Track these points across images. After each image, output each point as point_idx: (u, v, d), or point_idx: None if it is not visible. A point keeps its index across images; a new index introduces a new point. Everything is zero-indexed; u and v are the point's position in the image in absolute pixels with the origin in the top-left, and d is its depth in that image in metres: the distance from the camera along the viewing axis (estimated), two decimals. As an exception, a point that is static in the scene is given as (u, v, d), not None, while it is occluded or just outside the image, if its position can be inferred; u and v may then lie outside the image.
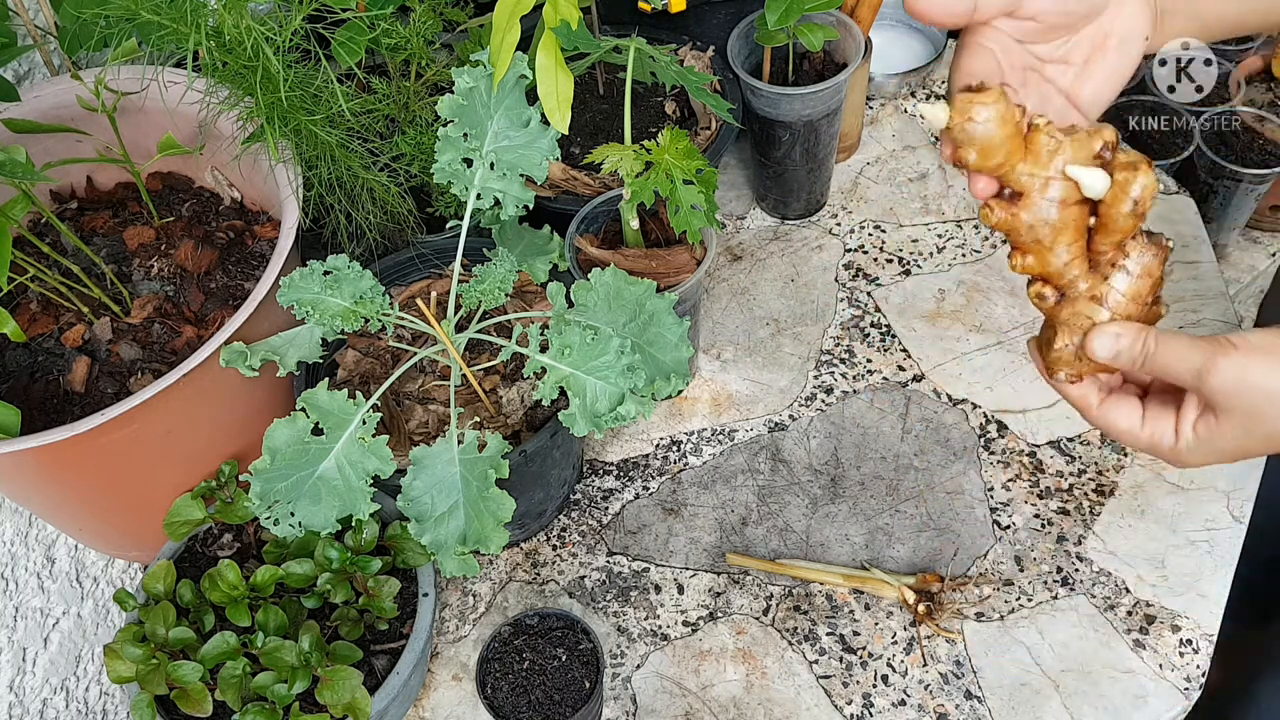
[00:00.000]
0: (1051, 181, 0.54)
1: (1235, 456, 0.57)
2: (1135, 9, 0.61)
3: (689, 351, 0.81)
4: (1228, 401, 0.54)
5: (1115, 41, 0.61)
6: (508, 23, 0.73)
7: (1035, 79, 0.62)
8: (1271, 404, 0.54)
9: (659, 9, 1.10)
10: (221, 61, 0.79)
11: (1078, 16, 0.60)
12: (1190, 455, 0.58)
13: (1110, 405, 0.60)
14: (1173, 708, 0.80)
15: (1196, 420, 0.57)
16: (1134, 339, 0.56)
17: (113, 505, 0.85)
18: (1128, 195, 0.54)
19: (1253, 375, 0.54)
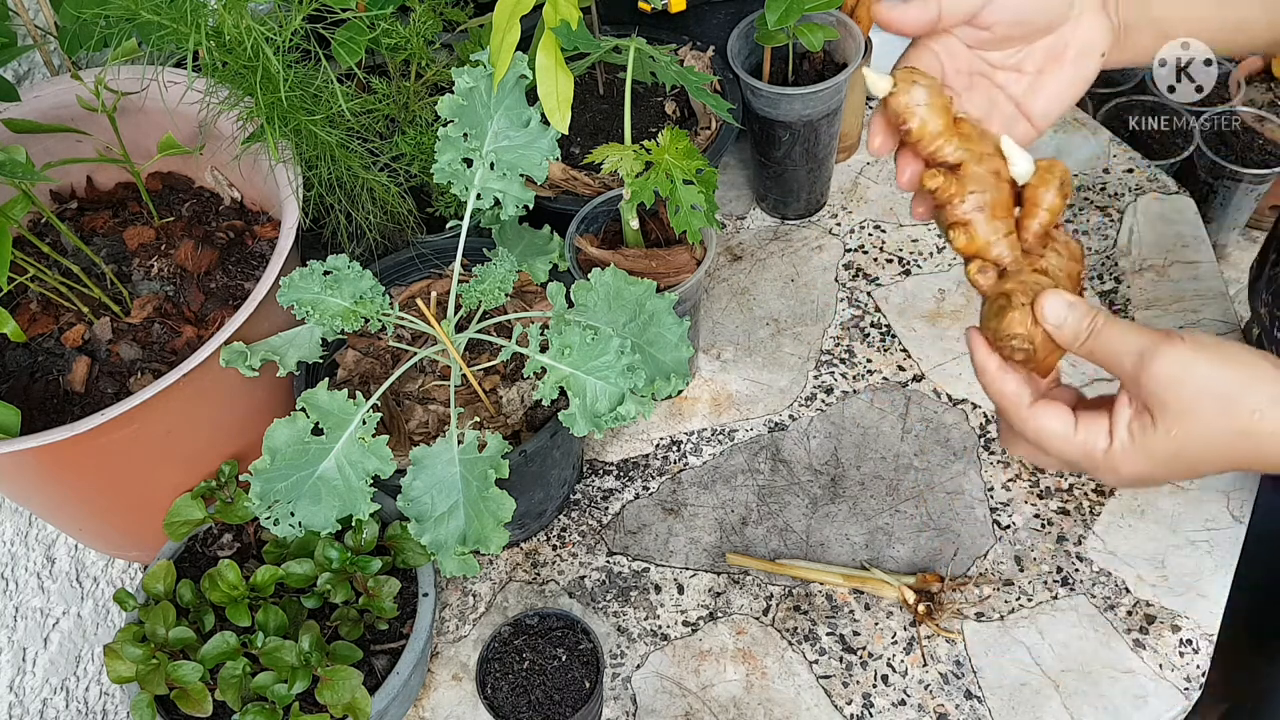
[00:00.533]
0: (985, 156, 0.57)
1: (1172, 467, 0.54)
2: (1094, 24, 0.60)
3: (689, 351, 0.81)
4: (1165, 395, 0.51)
5: (1071, 55, 0.61)
6: (508, 23, 0.73)
7: (983, 84, 0.62)
8: (1209, 404, 0.51)
9: (659, 9, 1.10)
10: (221, 61, 0.79)
11: (1034, 28, 0.60)
12: (1124, 462, 0.54)
13: (1043, 406, 0.56)
14: (1173, 708, 0.80)
15: (1131, 419, 0.53)
16: (1085, 310, 0.54)
17: (113, 505, 0.85)
18: (1054, 175, 0.57)
19: (1196, 371, 0.51)
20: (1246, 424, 0.50)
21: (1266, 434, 0.50)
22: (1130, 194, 1.15)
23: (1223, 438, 0.51)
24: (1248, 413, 0.50)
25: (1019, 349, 0.56)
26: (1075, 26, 0.60)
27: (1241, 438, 0.51)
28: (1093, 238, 1.12)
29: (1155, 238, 1.11)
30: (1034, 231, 0.57)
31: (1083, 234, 1.12)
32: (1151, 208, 1.14)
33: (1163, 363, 0.51)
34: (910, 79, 0.56)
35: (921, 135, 0.56)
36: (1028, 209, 0.57)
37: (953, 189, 0.56)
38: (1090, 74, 0.61)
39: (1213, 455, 0.52)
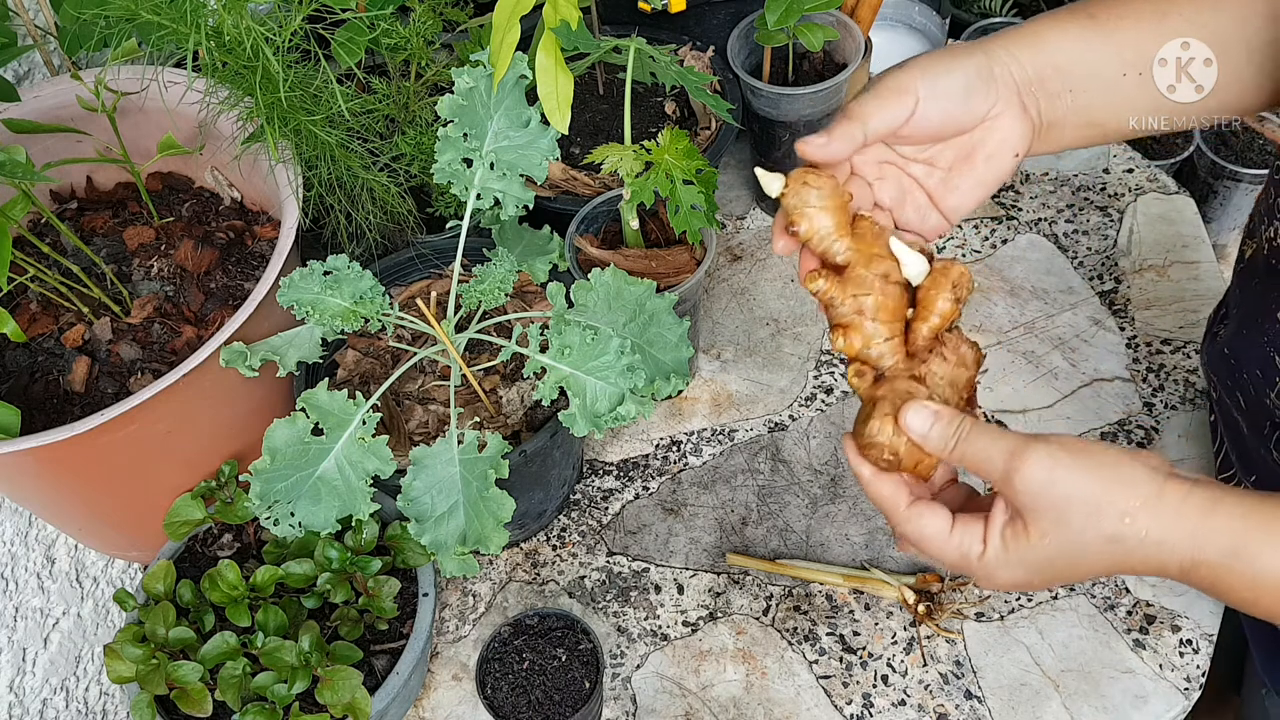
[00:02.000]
0: (876, 258, 0.56)
1: (1047, 574, 0.53)
2: (1011, 125, 0.60)
3: (689, 351, 0.81)
4: (1033, 502, 0.51)
5: (983, 156, 0.61)
6: (508, 23, 0.73)
7: (894, 173, 0.62)
8: (1076, 505, 0.50)
9: (659, 9, 1.10)
10: (221, 61, 0.79)
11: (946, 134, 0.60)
12: (999, 568, 0.53)
13: (919, 508, 0.55)
14: (1173, 708, 0.80)
15: (1004, 526, 0.53)
16: (950, 420, 0.54)
17: (113, 505, 0.85)
18: (947, 278, 0.56)
19: (1060, 474, 0.50)
20: (1116, 529, 0.50)
21: (1137, 539, 0.50)
22: (1130, 194, 1.15)
23: (1094, 544, 0.51)
24: (1116, 517, 0.50)
25: (881, 459, 0.56)
26: (991, 127, 0.60)
27: (1112, 543, 0.50)
28: (1093, 238, 1.12)
29: (1155, 238, 1.11)
30: (922, 335, 0.57)
31: (1083, 234, 1.12)
32: (1151, 208, 1.14)
33: (1029, 468, 0.51)
34: (802, 179, 0.56)
35: (810, 236, 0.56)
36: (919, 312, 0.57)
37: (834, 291, 0.56)
38: (1004, 173, 0.61)
39: (1087, 561, 0.52)
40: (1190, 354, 1.01)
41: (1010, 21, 1.86)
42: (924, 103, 0.58)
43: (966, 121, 0.60)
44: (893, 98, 0.58)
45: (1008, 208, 1.16)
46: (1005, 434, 0.52)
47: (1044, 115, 0.61)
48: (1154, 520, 0.49)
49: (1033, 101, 0.61)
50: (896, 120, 0.58)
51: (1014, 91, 0.60)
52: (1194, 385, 0.98)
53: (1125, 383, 1.00)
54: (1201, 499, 0.49)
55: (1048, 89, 0.61)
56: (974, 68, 0.59)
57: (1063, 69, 0.61)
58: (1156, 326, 1.03)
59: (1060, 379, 1.00)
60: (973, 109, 0.59)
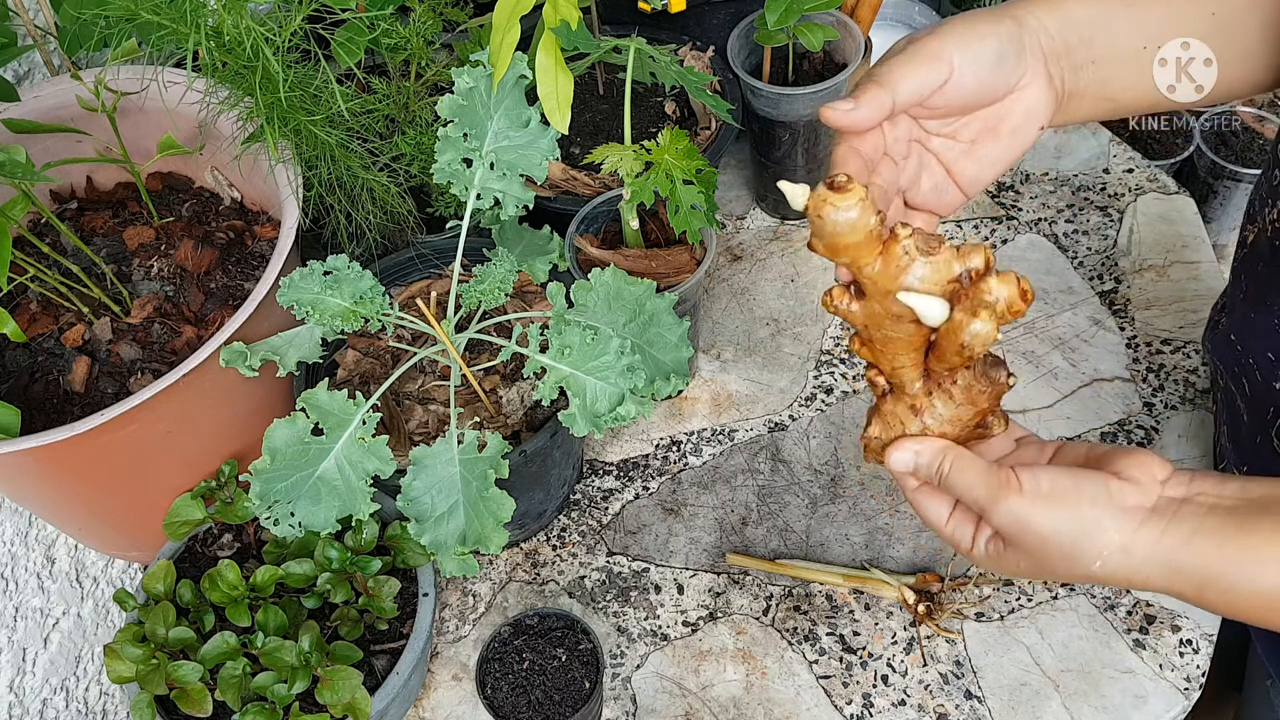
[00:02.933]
0: (891, 295, 0.51)
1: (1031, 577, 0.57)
2: (1038, 96, 0.59)
3: (689, 352, 0.81)
4: (1011, 537, 0.54)
5: (1009, 127, 0.60)
6: (508, 23, 0.73)
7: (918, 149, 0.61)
8: (1048, 549, 0.52)
9: (659, 9, 1.10)
10: (221, 61, 0.79)
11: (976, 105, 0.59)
12: (985, 564, 0.57)
13: (925, 492, 0.58)
14: (1173, 708, 0.80)
15: (989, 541, 0.56)
16: (932, 458, 0.56)
17: (113, 505, 0.85)
18: (960, 333, 0.50)
19: (1033, 521, 0.52)
20: (1087, 571, 0.52)
21: (1107, 577, 0.52)
22: (1130, 194, 1.15)
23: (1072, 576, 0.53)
24: (1087, 563, 0.52)
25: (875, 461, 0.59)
26: (1019, 98, 0.59)
27: (1090, 578, 0.53)
28: (1093, 238, 1.12)
29: (1155, 238, 1.11)
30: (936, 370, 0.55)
31: (1083, 234, 1.12)
32: (1151, 208, 1.14)
33: (1001, 514, 0.53)
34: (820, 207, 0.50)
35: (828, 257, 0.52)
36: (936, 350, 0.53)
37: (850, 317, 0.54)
38: (1027, 144, 0.61)
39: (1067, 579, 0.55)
40: (1190, 354, 1.01)
41: (1010, 21, 1.85)
42: (959, 71, 0.56)
43: (999, 91, 0.58)
44: (926, 64, 0.55)
45: (1008, 208, 1.16)
46: (983, 474, 0.54)
47: (1067, 86, 0.60)
48: (1124, 564, 0.51)
49: (1058, 72, 0.60)
50: (928, 88, 0.56)
51: (1042, 61, 0.59)
52: (1194, 385, 0.98)
53: (1125, 383, 1.00)
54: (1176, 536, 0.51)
55: (1073, 60, 0.60)
56: (1007, 35, 0.57)
57: (1086, 39, 0.60)
58: (1156, 326, 1.03)
59: (1060, 379, 1.00)
60: (1005, 78, 0.58)
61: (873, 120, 0.55)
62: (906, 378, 0.56)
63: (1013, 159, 0.61)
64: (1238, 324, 0.75)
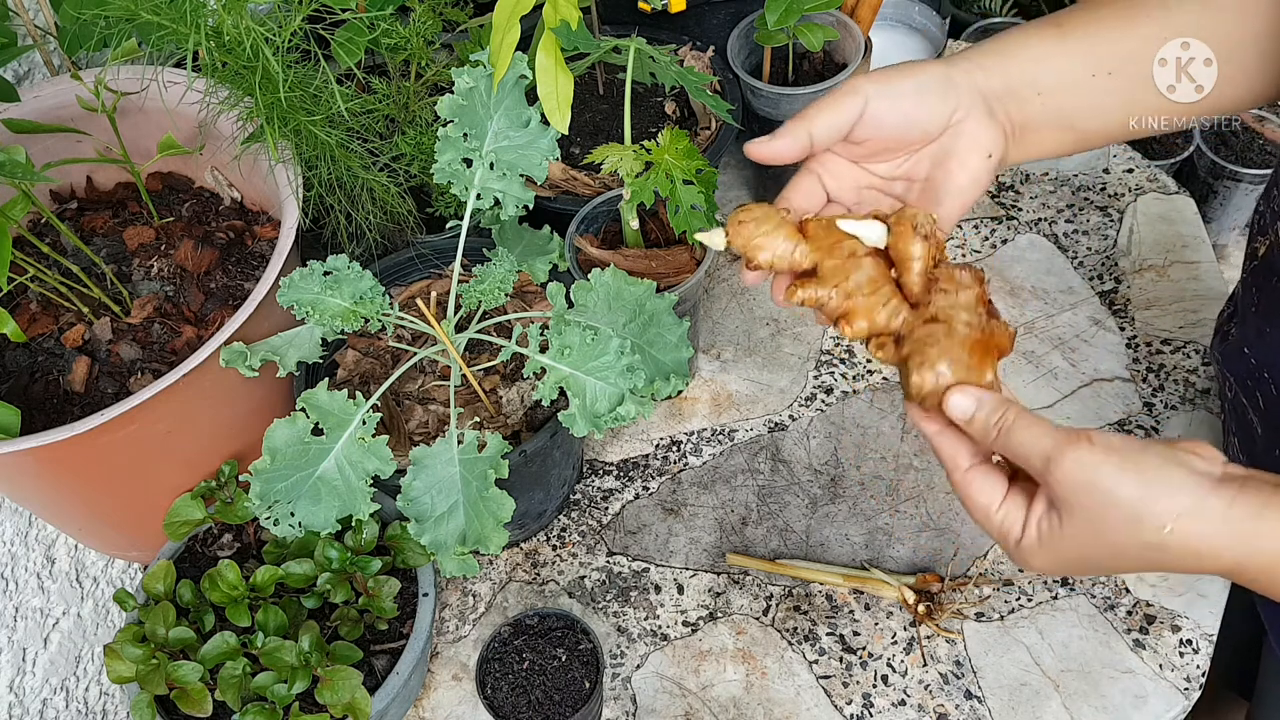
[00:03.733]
0: (835, 245, 0.57)
1: (1078, 566, 0.53)
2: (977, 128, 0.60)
3: (689, 352, 0.81)
4: (1072, 497, 0.50)
5: (956, 162, 0.60)
6: (508, 23, 0.73)
7: (873, 196, 0.63)
8: (1113, 512, 0.49)
9: (659, 9, 1.10)
10: (221, 62, 0.79)
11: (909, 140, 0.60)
12: (1031, 555, 0.53)
13: (975, 474, 0.55)
14: (1173, 708, 0.80)
15: (1042, 517, 0.52)
16: (993, 407, 0.53)
17: (113, 505, 0.85)
18: (905, 223, 0.56)
19: (1101, 476, 0.49)
20: (1156, 539, 0.49)
21: (1177, 547, 0.49)
22: (1130, 194, 1.15)
23: (1131, 549, 0.50)
24: (1156, 528, 0.49)
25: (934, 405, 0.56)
26: (958, 132, 0.60)
27: (1151, 549, 0.49)
28: (1093, 238, 1.12)
29: (1155, 238, 1.11)
30: (913, 283, 0.57)
31: (1083, 234, 1.12)
32: (1151, 208, 1.14)
33: (1067, 468, 0.50)
34: (738, 221, 0.58)
35: (771, 263, 0.58)
36: (899, 265, 0.57)
37: (816, 293, 0.57)
38: (983, 174, 0.61)
39: (1123, 561, 0.51)
40: (1190, 354, 1.01)
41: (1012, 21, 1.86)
42: (873, 101, 0.58)
43: (929, 125, 0.60)
44: (839, 98, 0.59)
45: (1008, 208, 1.16)
46: (1048, 429, 0.51)
47: (1014, 118, 0.61)
48: (1195, 530, 0.48)
49: (1000, 106, 0.61)
50: (843, 120, 0.58)
51: (977, 96, 0.60)
52: (1194, 385, 0.98)
53: (1125, 383, 1.00)
54: (1247, 507, 0.48)
55: (1016, 95, 0.61)
56: (928, 73, 0.59)
57: (1030, 75, 0.61)
58: (1156, 326, 1.03)
59: (1060, 379, 1.00)
60: (930, 111, 0.59)
61: (790, 153, 0.59)
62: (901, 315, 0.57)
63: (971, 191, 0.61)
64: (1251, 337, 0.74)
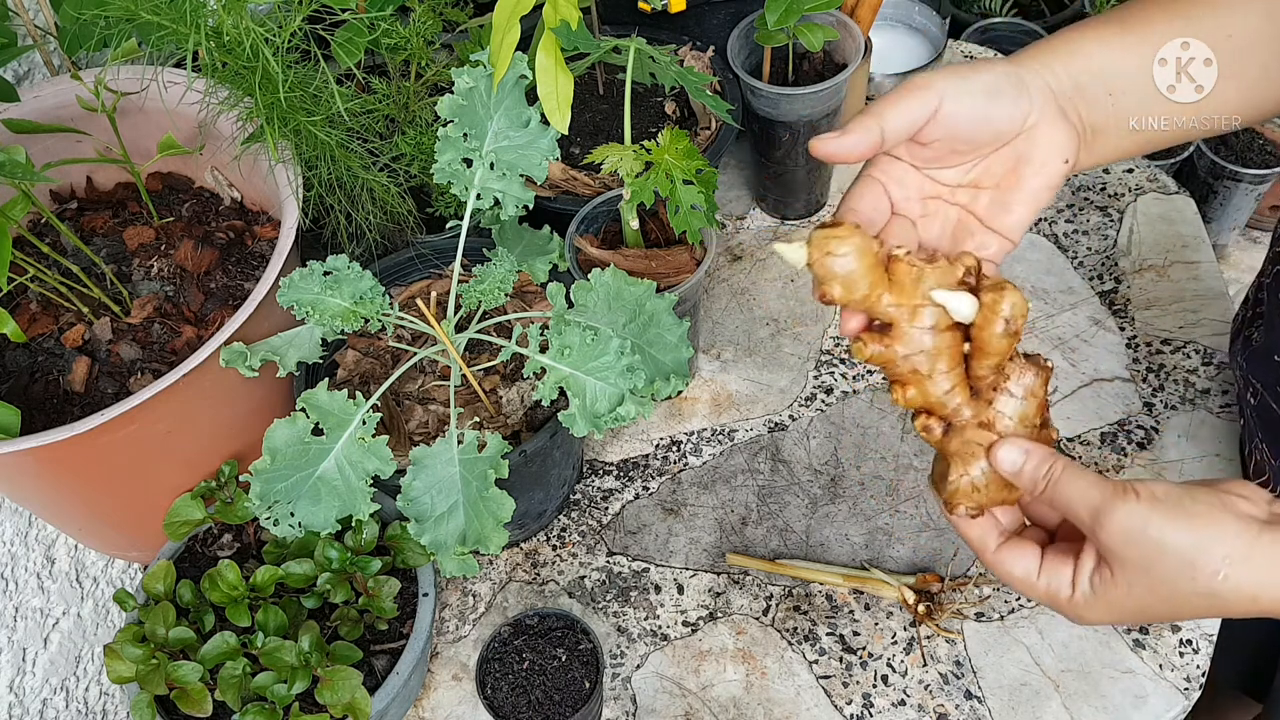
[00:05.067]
0: (920, 309, 0.53)
1: (1138, 617, 0.52)
2: (1054, 133, 0.58)
3: (689, 352, 0.81)
4: (1122, 551, 0.50)
5: (1031, 168, 0.58)
6: (508, 23, 0.73)
7: (940, 206, 0.60)
8: (1166, 561, 0.49)
9: (659, 9, 1.10)
10: (221, 62, 0.79)
11: (981, 143, 0.57)
12: (1087, 610, 0.53)
13: (1007, 550, 0.55)
14: (1173, 708, 0.80)
15: (1093, 572, 0.52)
16: (1041, 459, 0.53)
17: (113, 505, 0.85)
18: (998, 315, 0.53)
19: (1150, 527, 0.49)
20: (1209, 586, 0.49)
21: (1231, 592, 0.49)
22: (1130, 194, 1.15)
23: (1186, 598, 0.50)
24: (1209, 575, 0.49)
25: (969, 510, 0.56)
26: (1031, 137, 0.57)
27: (1207, 597, 0.49)
28: (1093, 238, 1.12)
29: (1155, 238, 1.11)
30: (981, 375, 0.55)
31: (1083, 234, 1.12)
32: (1151, 208, 1.14)
33: (1117, 520, 0.50)
34: (824, 248, 0.52)
35: (845, 301, 0.53)
36: (974, 350, 0.54)
37: (886, 355, 0.54)
38: (1055, 181, 0.59)
39: (1179, 611, 0.51)
40: (1190, 354, 1.01)
41: (1011, 22, 1.86)
42: (948, 100, 0.55)
43: (1002, 127, 0.57)
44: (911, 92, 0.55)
45: (1008, 208, 1.16)
46: (1096, 480, 0.52)
47: (1086, 121, 0.59)
48: (1248, 576, 0.48)
49: (1072, 108, 0.58)
50: (917, 117, 0.55)
51: (1049, 98, 0.58)
52: (1194, 385, 0.98)
53: (1125, 383, 1.00)
54: None
55: (1087, 95, 0.59)
56: (1001, 73, 0.57)
57: (1099, 74, 0.59)
58: (1156, 326, 1.03)
59: (1060, 379, 1.00)
60: (1003, 113, 0.57)
61: (861, 150, 0.55)
62: (957, 401, 0.55)
63: (1044, 198, 0.59)
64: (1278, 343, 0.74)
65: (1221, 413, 0.96)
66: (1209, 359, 1.00)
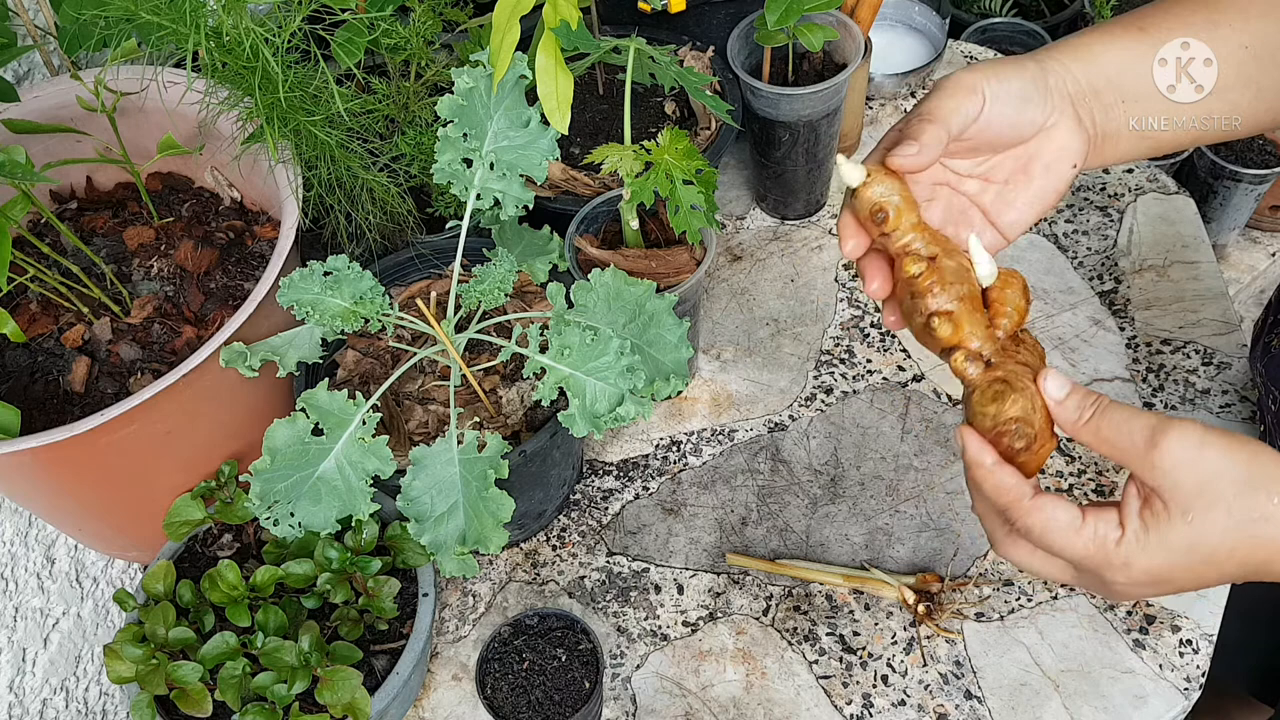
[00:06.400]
0: (954, 250, 0.57)
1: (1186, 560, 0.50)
2: (1068, 137, 0.59)
3: (689, 352, 0.81)
4: (1179, 479, 0.49)
5: (1040, 167, 0.60)
6: (508, 23, 0.73)
7: (946, 193, 0.61)
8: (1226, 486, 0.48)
9: (659, 9, 1.10)
10: (221, 62, 0.79)
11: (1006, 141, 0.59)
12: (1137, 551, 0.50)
13: (1046, 498, 0.53)
14: (1173, 708, 0.80)
15: (1141, 509, 0.50)
16: (1085, 392, 0.53)
17: (113, 505, 0.85)
18: (1016, 280, 0.58)
19: (1210, 453, 0.48)
20: (1266, 509, 0.48)
21: None
22: (1130, 194, 1.15)
23: (1242, 524, 0.48)
24: (1266, 497, 0.48)
25: (1022, 434, 0.54)
26: (1047, 138, 0.59)
27: (1262, 524, 0.48)
28: (1093, 238, 1.12)
29: (1155, 238, 1.11)
30: (1005, 330, 0.57)
31: (1083, 234, 1.12)
32: (1151, 208, 1.14)
33: (1176, 441, 0.49)
34: (882, 171, 0.56)
35: (897, 225, 0.56)
36: (995, 309, 0.57)
37: (934, 276, 0.56)
38: (1062, 185, 0.60)
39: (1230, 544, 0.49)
40: (1190, 354, 1.01)
41: (1011, 22, 1.86)
42: (990, 103, 0.57)
43: (1025, 130, 0.59)
44: (964, 95, 0.56)
45: (1008, 208, 1.16)
46: (1142, 411, 0.51)
47: (1099, 126, 0.60)
48: None
49: (1087, 112, 0.60)
50: (969, 119, 0.57)
51: (1068, 101, 0.59)
52: (1194, 385, 0.98)
53: (1125, 383, 1.00)
54: None
55: (1102, 100, 0.60)
56: (1030, 75, 0.58)
57: (1114, 81, 0.60)
58: (1156, 326, 1.03)
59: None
60: (1030, 116, 0.58)
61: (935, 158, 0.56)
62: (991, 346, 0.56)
63: (1048, 200, 0.61)
64: None
65: (1222, 413, 0.96)
66: (1209, 359, 1.00)
